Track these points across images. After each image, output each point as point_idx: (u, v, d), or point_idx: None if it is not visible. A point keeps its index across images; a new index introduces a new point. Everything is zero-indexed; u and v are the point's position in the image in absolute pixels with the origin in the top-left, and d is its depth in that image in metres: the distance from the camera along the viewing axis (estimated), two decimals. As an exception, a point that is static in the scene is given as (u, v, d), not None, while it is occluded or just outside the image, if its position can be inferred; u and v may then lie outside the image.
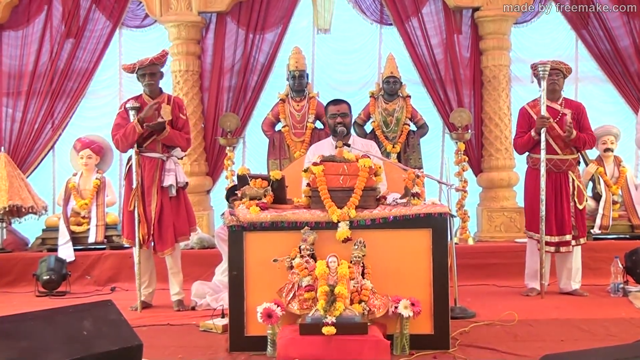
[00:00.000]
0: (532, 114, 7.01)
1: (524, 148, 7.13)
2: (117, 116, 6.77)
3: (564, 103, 7.04)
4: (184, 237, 6.84)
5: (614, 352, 2.68)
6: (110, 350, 3.00)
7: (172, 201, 6.70)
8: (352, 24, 9.61)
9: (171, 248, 6.68)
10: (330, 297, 4.47)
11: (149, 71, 6.65)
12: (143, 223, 6.57)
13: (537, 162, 6.96)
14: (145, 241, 6.61)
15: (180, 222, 6.74)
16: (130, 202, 6.61)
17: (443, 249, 4.90)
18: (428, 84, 9.15)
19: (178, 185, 6.70)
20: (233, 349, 4.88)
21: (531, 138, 6.93)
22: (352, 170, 4.91)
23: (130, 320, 3.35)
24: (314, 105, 8.58)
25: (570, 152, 6.99)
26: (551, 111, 6.92)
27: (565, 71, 7.05)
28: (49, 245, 8.55)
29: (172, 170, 6.65)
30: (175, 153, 6.78)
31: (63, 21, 9.31)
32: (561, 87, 7.09)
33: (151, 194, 6.62)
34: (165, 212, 6.64)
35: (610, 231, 8.24)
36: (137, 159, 6.59)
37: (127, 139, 6.55)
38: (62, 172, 9.44)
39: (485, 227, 8.93)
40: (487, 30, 9.00)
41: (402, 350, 4.70)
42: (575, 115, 6.97)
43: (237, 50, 9.34)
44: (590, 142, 7.09)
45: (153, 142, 6.63)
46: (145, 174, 6.61)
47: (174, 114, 6.67)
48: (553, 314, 6.09)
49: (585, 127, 7.02)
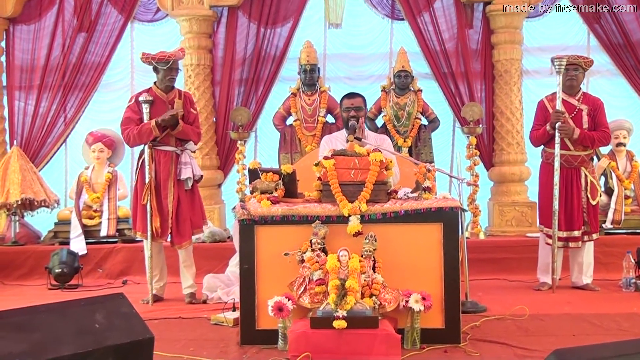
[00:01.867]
0: (549, 108, 6.98)
1: (539, 141, 7.11)
2: (127, 109, 6.72)
3: (582, 98, 6.98)
4: (198, 230, 6.87)
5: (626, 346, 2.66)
6: (121, 343, 3.00)
7: (187, 194, 6.71)
8: (363, 19, 9.61)
9: (189, 241, 6.70)
10: (341, 291, 4.47)
11: (176, 66, 6.68)
12: (156, 216, 6.58)
13: (550, 157, 6.95)
14: (160, 234, 6.62)
15: (195, 215, 6.76)
16: (143, 195, 6.62)
17: (454, 243, 4.89)
18: (439, 78, 9.14)
19: (194, 178, 6.72)
20: (244, 343, 4.89)
21: (546, 132, 6.91)
22: (363, 164, 4.90)
23: (142, 314, 3.36)
24: (326, 99, 8.58)
25: (583, 149, 6.95)
26: (568, 106, 6.89)
27: (584, 65, 6.95)
28: (61, 239, 8.59)
29: (188, 163, 6.65)
30: (189, 146, 6.79)
31: (75, 15, 9.34)
32: (580, 82, 7.03)
33: (167, 187, 6.61)
34: (182, 205, 6.65)
35: (622, 226, 8.19)
36: (150, 153, 6.59)
37: (141, 139, 6.54)
38: (74, 165, 9.49)
39: (497, 222, 8.92)
40: (498, 24, 8.98)
41: (413, 345, 4.69)
42: (591, 111, 6.93)
43: (249, 44, 9.35)
44: (603, 140, 7.02)
45: (167, 135, 6.61)
46: (161, 168, 6.61)
47: (185, 108, 6.66)
48: (564, 308, 6.08)
49: (601, 124, 6.96)
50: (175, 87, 6.84)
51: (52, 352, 2.80)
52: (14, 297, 7.14)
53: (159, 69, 6.64)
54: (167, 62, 6.58)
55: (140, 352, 3.10)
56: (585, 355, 2.54)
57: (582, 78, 7.06)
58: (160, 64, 6.61)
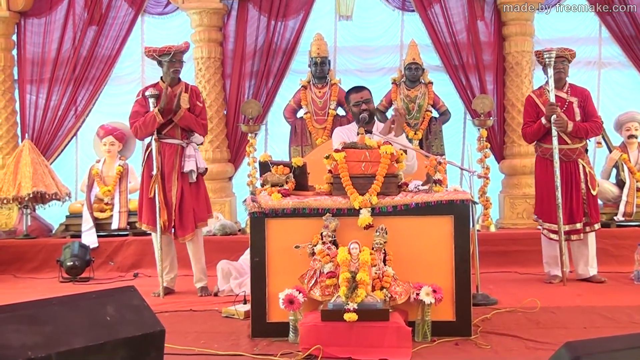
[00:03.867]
0: (538, 103, 6.97)
1: (534, 137, 7.07)
2: (135, 103, 6.79)
3: (569, 90, 6.98)
4: (202, 222, 6.87)
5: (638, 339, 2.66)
6: (133, 335, 3.01)
7: (192, 187, 6.74)
8: (374, 11, 9.60)
9: (192, 233, 6.71)
10: (352, 283, 4.47)
11: (179, 58, 6.70)
12: (163, 209, 6.61)
13: (546, 152, 6.93)
14: (166, 227, 6.64)
15: (199, 208, 6.78)
16: (150, 188, 6.64)
17: (465, 235, 4.87)
18: (450, 71, 9.13)
19: (198, 171, 6.74)
20: (255, 335, 4.90)
21: (541, 126, 6.87)
22: (373, 157, 4.89)
23: (153, 306, 3.37)
24: (336, 92, 8.58)
25: (579, 141, 6.94)
26: (558, 100, 6.86)
27: (569, 57, 6.97)
28: (72, 232, 8.63)
29: (192, 156, 6.68)
30: (195, 139, 6.81)
31: (86, 8, 9.36)
32: (567, 75, 7.02)
33: (171, 180, 6.65)
34: (186, 197, 6.68)
35: (634, 218, 8.17)
36: (157, 146, 6.62)
37: (147, 128, 6.59)
38: (85, 158, 9.52)
39: (507, 214, 8.90)
40: (510, 16, 8.95)
41: (424, 337, 4.69)
42: (581, 102, 6.92)
43: (259, 37, 9.35)
44: (595, 130, 7.00)
45: (172, 128, 6.66)
46: (165, 161, 6.65)
47: (191, 101, 6.70)
48: (575, 301, 6.06)
49: (591, 114, 6.96)
50: (182, 81, 6.86)
51: (64, 345, 2.81)
52: (25, 290, 7.17)
53: (163, 62, 6.68)
54: (169, 54, 6.61)
55: (151, 345, 3.11)
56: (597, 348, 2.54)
57: (568, 70, 7.03)
58: (162, 56, 6.66)
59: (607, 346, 2.56)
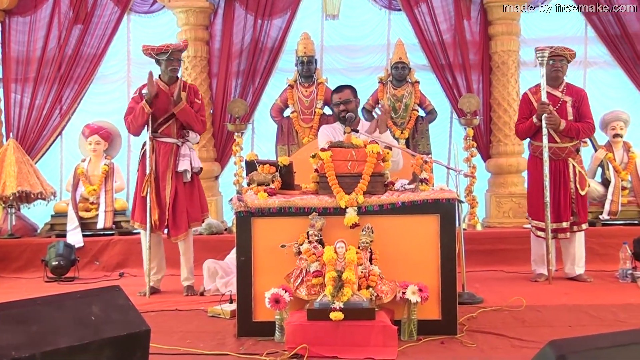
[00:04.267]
0: (533, 100, 6.99)
1: (525, 134, 7.11)
2: (131, 100, 6.81)
3: (565, 90, 6.98)
4: (196, 222, 6.87)
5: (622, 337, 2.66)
6: (118, 335, 3.00)
7: (186, 187, 6.73)
8: (360, 10, 9.60)
9: (185, 233, 6.70)
10: (338, 282, 4.47)
11: (177, 57, 6.70)
12: (155, 208, 6.59)
13: (537, 150, 6.96)
14: (158, 226, 6.63)
15: (193, 208, 6.76)
16: (143, 187, 6.63)
17: (451, 234, 4.89)
18: (437, 70, 9.14)
19: (193, 170, 6.73)
20: (241, 335, 4.89)
21: (532, 124, 6.90)
22: (360, 156, 4.90)
23: (139, 306, 3.36)
24: (323, 91, 8.57)
25: (569, 140, 6.95)
26: (552, 98, 6.89)
27: (569, 57, 6.98)
28: (57, 231, 8.58)
29: (187, 155, 6.68)
30: (190, 138, 6.80)
31: (71, 7, 9.30)
32: (564, 74, 7.02)
33: (166, 179, 6.64)
34: (179, 197, 6.67)
35: (619, 217, 8.22)
36: (152, 144, 6.61)
37: (137, 120, 6.59)
38: (70, 158, 9.47)
39: (494, 213, 8.93)
40: (496, 15, 8.97)
41: (410, 336, 4.70)
42: (575, 103, 6.93)
43: (246, 36, 9.33)
44: (587, 131, 7.01)
45: (168, 127, 6.67)
46: (160, 159, 6.64)
47: (190, 99, 6.70)
48: (561, 299, 6.09)
49: (584, 115, 6.96)
50: (180, 79, 6.87)
51: (49, 345, 2.80)
52: (10, 289, 7.14)
53: (160, 60, 6.67)
54: (166, 52, 6.60)
55: (136, 345, 3.10)
56: (582, 346, 2.54)
57: (566, 69, 7.04)
58: (160, 55, 6.65)
59: (592, 344, 2.57)
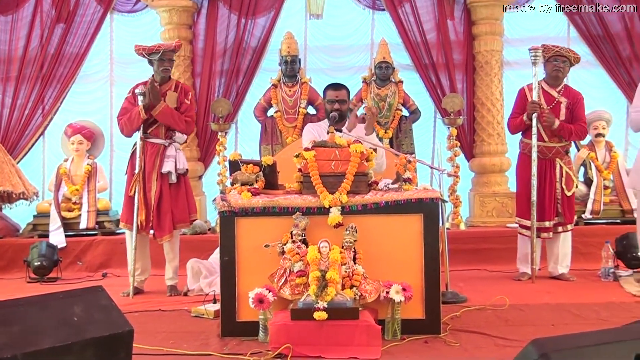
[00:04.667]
0: (528, 97, 6.97)
1: (516, 130, 7.13)
2: (125, 100, 6.78)
3: (562, 91, 6.99)
4: (183, 224, 6.84)
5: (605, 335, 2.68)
6: (101, 335, 2.99)
7: (171, 188, 6.70)
8: (344, 9, 9.61)
9: (169, 235, 6.68)
10: (322, 282, 4.47)
11: (168, 57, 6.68)
12: (142, 209, 6.58)
13: (526, 147, 6.99)
14: (144, 227, 6.61)
15: (179, 209, 6.73)
16: (131, 187, 6.62)
17: (435, 234, 4.89)
18: (420, 70, 9.16)
19: (177, 171, 6.70)
20: (225, 335, 4.88)
21: (523, 121, 6.92)
22: (343, 155, 4.90)
23: (122, 306, 3.35)
24: (306, 91, 8.57)
25: (558, 140, 6.96)
26: (547, 97, 6.91)
27: (573, 59, 6.95)
28: (40, 232, 8.54)
29: (171, 156, 6.65)
30: (177, 139, 6.79)
31: (53, 6, 9.26)
32: (565, 75, 7.02)
33: (151, 180, 6.62)
34: (164, 198, 6.64)
35: (601, 216, 8.28)
36: (142, 145, 6.60)
37: (132, 124, 6.58)
38: (53, 158, 9.43)
39: (477, 212, 8.95)
40: (479, 15, 9.00)
41: (394, 335, 4.70)
42: (570, 105, 6.93)
43: (229, 35, 9.32)
44: (580, 134, 7.03)
45: (157, 127, 6.66)
46: (147, 160, 6.62)
47: (179, 99, 6.69)
48: (544, 298, 6.11)
49: (578, 118, 6.96)
50: (173, 79, 6.87)
51: (32, 345, 2.79)
52: (-8, 290, 7.10)
53: (153, 60, 6.66)
54: (158, 52, 6.59)
55: (120, 345, 3.09)
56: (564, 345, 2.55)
57: (568, 71, 7.04)
58: (152, 55, 6.64)
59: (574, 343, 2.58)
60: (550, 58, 6.87)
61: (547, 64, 6.91)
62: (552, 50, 6.86)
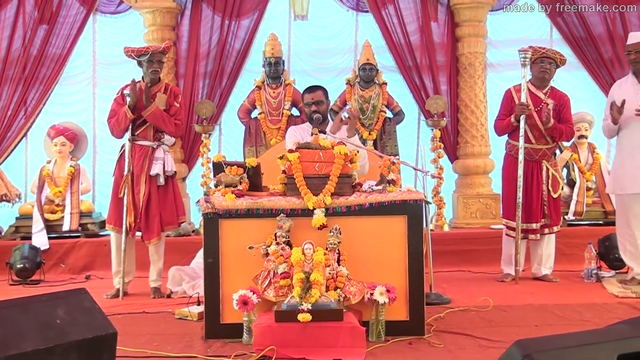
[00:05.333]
0: (515, 98, 6.99)
1: (503, 131, 7.14)
2: (114, 102, 6.76)
3: (549, 93, 7.01)
4: (171, 226, 6.82)
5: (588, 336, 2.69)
6: (84, 338, 2.98)
7: (160, 190, 6.68)
8: (328, 11, 9.61)
9: (157, 237, 6.66)
10: (306, 284, 4.47)
11: (157, 58, 6.65)
12: (130, 211, 6.56)
13: (512, 149, 7.01)
14: (131, 229, 6.59)
15: (167, 212, 6.71)
16: (120, 189, 6.60)
17: (418, 235, 4.90)
18: (404, 71, 9.18)
19: (166, 174, 6.68)
20: (209, 337, 4.87)
21: (510, 123, 6.94)
22: (327, 157, 4.90)
23: (106, 309, 3.34)
24: (290, 92, 8.57)
25: (545, 142, 6.99)
26: (534, 98, 6.93)
27: (559, 61, 6.98)
28: (22, 233, 8.48)
29: (160, 158, 6.64)
30: (165, 141, 6.77)
31: (36, 7, 9.21)
32: (551, 77, 7.02)
33: (140, 182, 6.60)
34: (153, 201, 6.63)
35: (584, 217, 8.32)
36: (130, 147, 6.58)
37: (119, 125, 6.57)
38: (35, 159, 9.37)
39: (461, 214, 8.98)
40: (463, 17, 9.03)
41: (378, 337, 4.71)
42: (557, 106, 6.96)
43: (213, 37, 9.30)
44: (567, 134, 7.07)
45: (145, 129, 6.64)
46: (135, 162, 6.60)
47: (168, 101, 6.68)
48: (528, 299, 6.13)
49: (565, 119, 7.00)
50: (163, 81, 6.87)
51: (14, 348, 2.78)
52: (-26, 293, 7.05)
53: (142, 62, 6.66)
54: (147, 54, 6.59)
55: (103, 347, 3.08)
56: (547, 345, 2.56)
57: (554, 73, 7.05)
58: (141, 56, 6.64)
59: (558, 344, 2.59)
60: (536, 60, 6.90)
61: (534, 66, 6.93)
62: (538, 52, 6.89)
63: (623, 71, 8.86)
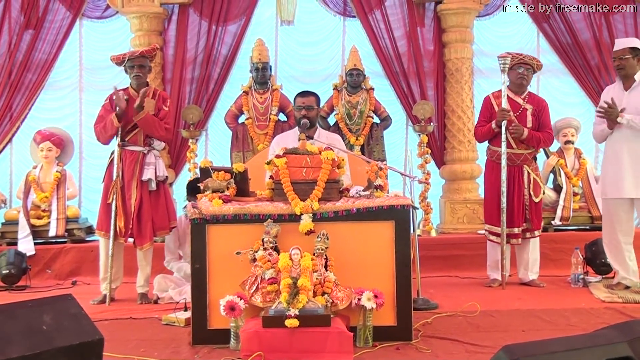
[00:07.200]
0: (494, 104, 7.06)
1: (483, 137, 7.19)
2: (101, 108, 6.74)
3: (527, 98, 7.06)
4: (163, 231, 6.79)
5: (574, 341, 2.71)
6: (71, 344, 2.97)
7: (151, 195, 6.67)
8: (315, 16, 9.60)
9: (149, 242, 6.65)
10: (293, 289, 4.47)
11: (137, 63, 6.63)
12: (121, 216, 6.54)
13: (494, 154, 7.05)
14: (122, 234, 6.57)
15: (159, 217, 6.70)
16: (109, 194, 6.57)
17: (406, 240, 4.91)
18: (391, 77, 9.19)
19: (157, 179, 6.67)
20: (196, 343, 4.86)
21: (491, 129, 6.98)
22: (315, 162, 4.90)
23: (92, 314, 3.33)
24: (277, 98, 8.56)
25: (526, 147, 7.03)
26: (513, 104, 6.97)
27: (536, 67, 7.05)
28: (8, 239, 8.42)
29: (151, 164, 6.63)
30: (156, 146, 6.76)
31: (22, 12, 9.17)
32: (529, 82, 7.09)
33: (131, 187, 6.58)
34: (145, 206, 6.61)
35: (570, 222, 8.34)
36: (120, 153, 6.56)
37: (106, 132, 6.57)
38: (20, 165, 9.32)
39: (448, 219, 8.99)
40: (449, 23, 9.05)
41: (366, 342, 4.71)
42: (535, 111, 7.01)
43: (200, 42, 9.30)
44: (547, 141, 7.13)
45: (135, 135, 6.63)
46: (126, 168, 6.59)
47: (157, 106, 6.66)
48: (515, 304, 6.15)
49: (544, 125, 7.05)
50: (151, 86, 6.86)
51: (1, 354, 2.76)
52: (-41, 299, 7.01)
53: (125, 68, 6.66)
54: (124, 60, 6.62)
55: (90, 353, 3.07)
56: (534, 350, 2.57)
57: (531, 78, 7.13)
58: (120, 64, 6.68)
59: (545, 348, 2.60)
60: (514, 66, 6.96)
61: (511, 72, 6.98)
62: (515, 58, 6.95)
63: (609, 77, 8.92)
